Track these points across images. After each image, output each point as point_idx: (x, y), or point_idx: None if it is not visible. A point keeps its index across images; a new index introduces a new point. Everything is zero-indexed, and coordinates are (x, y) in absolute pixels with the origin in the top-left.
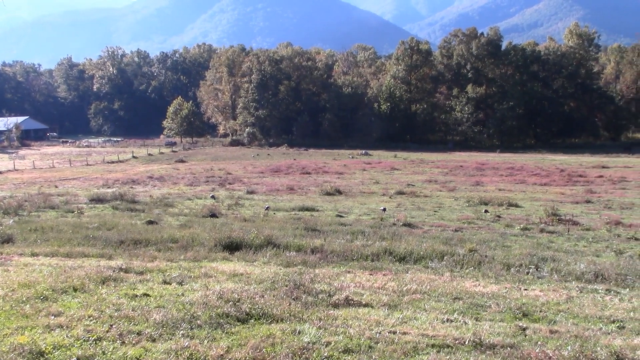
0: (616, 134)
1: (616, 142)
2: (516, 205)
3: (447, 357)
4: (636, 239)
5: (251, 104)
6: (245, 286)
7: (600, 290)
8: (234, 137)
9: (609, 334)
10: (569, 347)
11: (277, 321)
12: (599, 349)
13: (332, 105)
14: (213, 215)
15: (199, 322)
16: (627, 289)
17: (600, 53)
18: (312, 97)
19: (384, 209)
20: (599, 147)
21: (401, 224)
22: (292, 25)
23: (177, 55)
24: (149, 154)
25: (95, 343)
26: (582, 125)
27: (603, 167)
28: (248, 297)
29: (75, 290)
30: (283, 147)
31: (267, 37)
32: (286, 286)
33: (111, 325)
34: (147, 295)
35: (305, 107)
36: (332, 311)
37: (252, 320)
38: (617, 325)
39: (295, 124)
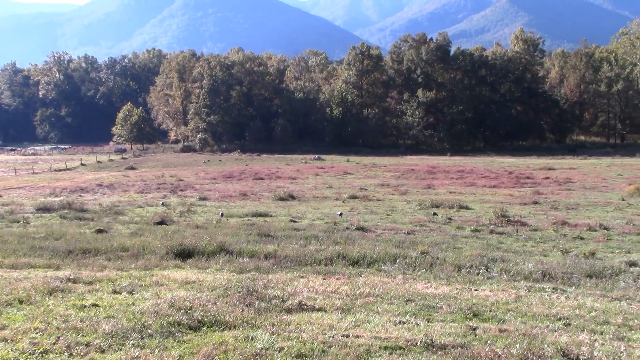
0: (561, 137)
1: (561, 144)
2: (467, 208)
3: (400, 359)
4: (581, 239)
5: (203, 109)
6: (197, 294)
7: (547, 289)
8: (185, 144)
9: (555, 331)
10: (518, 345)
11: (230, 328)
12: (546, 346)
13: (284, 111)
14: (162, 223)
15: (149, 331)
16: (573, 287)
17: (545, 58)
18: (264, 103)
19: (341, 214)
20: (546, 150)
21: (354, 227)
22: (243, 30)
23: (126, 60)
24: (98, 161)
25: (42, 356)
26: (529, 128)
27: (549, 169)
28: (200, 305)
29: (20, 302)
30: (235, 152)
31: (218, 42)
32: (239, 292)
33: (58, 337)
34: (96, 305)
35: (258, 112)
36: (285, 316)
37: (205, 328)
38: (564, 322)
39: (247, 129)
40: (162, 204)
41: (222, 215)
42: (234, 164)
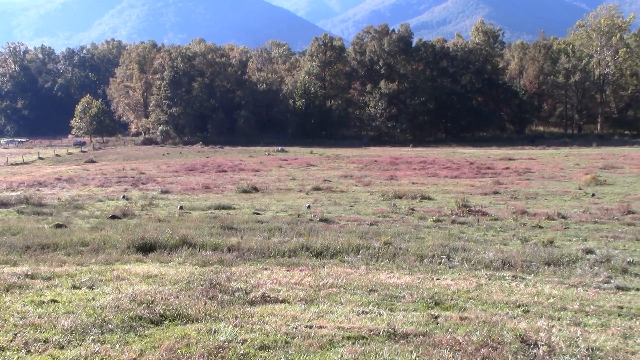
0: (521, 127)
1: (521, 135)
2: (429, 198)
3: (362, 349)
4: (540, 227)
5: (164, 101)
6: (159, 287)
7: (507, 277)
8: (146, 136)
9: (514, 318)
10: (478, 332)
11: (192, 321)
12: (505, 332)
13: (247, 102)
14: (121, 217)
15: (110, 326)
16: (532, 275)
17: (504, 49)
18: (227, 94)
19: (309, 206)
20: (506, 140)
21: (318, 219)
22: (204, 21)
23: (84, 51)
24: (57, 155)
25: None
26: (490, 119)
27: (509, 159)
28: (162, 299)
29: None
30: (198, 145)
31: (179, 33)
32: (202, 286)
33: (15, 334)
34: (55, 301)
35: (220, 104)
36: (248, 309)
37: (167, 322)
38: (523, 309)
39: (210, 121)
40: (123, 198)
41: (181, 208)
42: (196, 156)
